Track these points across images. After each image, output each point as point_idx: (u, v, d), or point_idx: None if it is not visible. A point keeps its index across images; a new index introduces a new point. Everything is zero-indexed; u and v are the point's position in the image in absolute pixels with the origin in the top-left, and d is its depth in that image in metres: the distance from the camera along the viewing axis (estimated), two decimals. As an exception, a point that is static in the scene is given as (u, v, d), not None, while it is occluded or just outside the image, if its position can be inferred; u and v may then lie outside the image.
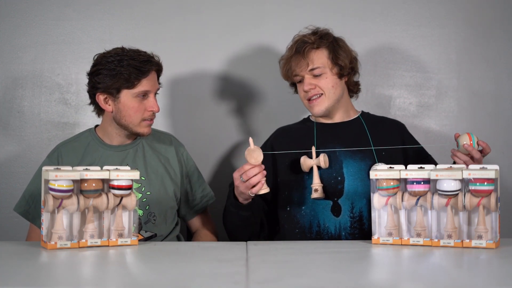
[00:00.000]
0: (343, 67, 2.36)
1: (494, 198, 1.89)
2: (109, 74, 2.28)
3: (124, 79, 2.27)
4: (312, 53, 2.35)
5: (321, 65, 2.34)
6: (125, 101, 2.31)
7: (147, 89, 2.31)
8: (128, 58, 2.28)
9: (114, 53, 2.30)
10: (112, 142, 2.40)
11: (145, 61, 2.30)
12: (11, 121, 2.85)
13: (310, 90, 2.34)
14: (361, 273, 1.70)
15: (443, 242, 1.93)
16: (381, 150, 2.34)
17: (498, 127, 2.89)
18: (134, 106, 2.31)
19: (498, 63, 2.89)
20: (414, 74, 2.89)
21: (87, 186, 1.94)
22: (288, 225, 2.35)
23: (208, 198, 2.52)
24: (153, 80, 2.33)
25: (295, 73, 2.36)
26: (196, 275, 1.64)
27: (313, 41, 2.35)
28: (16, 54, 2.85)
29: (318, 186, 2.26)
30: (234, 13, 2.88)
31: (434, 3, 2.88)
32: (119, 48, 2.33)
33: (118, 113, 2.33)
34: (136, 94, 2.30)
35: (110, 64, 2.28)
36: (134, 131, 2.35)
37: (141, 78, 2.29)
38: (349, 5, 2.87)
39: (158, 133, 2.51)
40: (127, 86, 2.29)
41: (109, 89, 2.30)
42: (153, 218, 2.37)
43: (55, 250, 1.90)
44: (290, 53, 2.38)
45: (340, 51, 2.37)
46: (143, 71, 2.29)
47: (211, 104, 2.87)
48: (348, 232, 2.29)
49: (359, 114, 2.45)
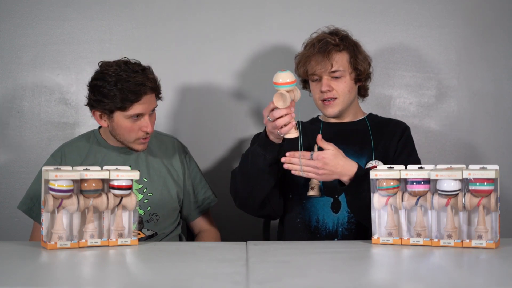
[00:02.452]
0: (362, 72, 2.38)
1: (494, 198, 1.89)
2: (104, 94, 2.27)
3: (117, 102, 2.26)
4: (335, 55, 2.34)
5: (342, 68, 2.34)
6: (118, 121, 2.31)
7: (140, 112, 2.30)
8: (123, 80, 2.26)
9: (113, 72, 2.27)
10: (115, 144, 2.42)
11: (139, 85, 2.27)
12: (11, 121, 2.85)
13: (327, 91, 2.34)
14: (361, 273, 1.70)
15: (443, 242, 1.93)
16: (380, 150, 2.35)
17: (498, 127, 2.88)
18: (128, 127, 2.31)
19: (498, 63, 2.88)
20: (414, 74, 2.89)
21: (87, 186, 1.94)
22: (290, 213, 2.37)
23: (210, 200, 2.53)
24: (148, 103, 2.31)
25: (314, 72, 2.35)
26: (196, 275, 1.64)
27: (337, 43, 2.34)
28: (16, 54, 2.85)
29: (315, 184, 2.27)
30: (235, 13, 2.87)
31: (434, 3, 2.88)
32: (119, 64, 2.30)
33: (113, 130, 2.34)
34: (129, 116, 2.29)
35: (107, 84, 2.26)
36: (129, 147, 2.37)
37: (133, 102, 2.27)
38: (350, 5, 2.87)
39: (161, 135, 2.52)
40: (119, 109, 2.28)
41: (102, 109, 2.30)
42: (155, 218, 2.38)
43: (55, 250, 1.90)
44: (312, 52, 2.35)
45: (359, 56, 2.38)
46: (136, 95, 2.27)
47: (213, 104, 2.87)
48: (345, 228, 2.30)
49: (366, 116, 2.46)
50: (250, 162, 2.22)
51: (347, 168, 2.12)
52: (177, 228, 2.47)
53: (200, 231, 2.52)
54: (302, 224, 2.34)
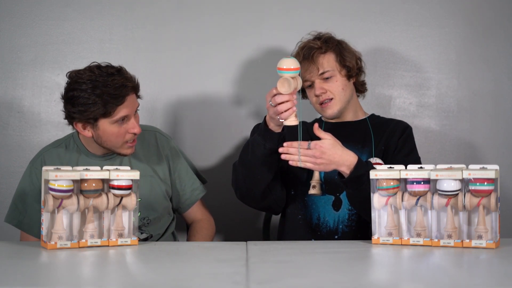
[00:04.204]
0: (351, 68, 2.39)
1: (494, 198, 1.89)
2: (84, 104, 2.18)
3: (100, 108, 2.18)
4: (320, 58, 2.37)
5: (330, 68, 2.36)
6: (104, 129, 2.23)
7: (125, 114, 2.23)
8: (101, 85, 2.17)
9: (87, 79, 2.19)
10: (96, 152, 2.35)
11: (120, 87, 2.19)
12: (11, 121, 2.85)
13: (321, 94, 2.36)
14: (361, 273, 1.71)
15: (443, 242, 1.93)
16: (381, 148, 2.35)
17: (498, 127, 2.88)
18: (114, 132, 2.24)
19: (498, 63, 2.88)
20: (414, 74, 2.89)
21: (87, 186, 1.94)
22: (291, 209, 2.37)
23: (199, 191, 2.49)
24: (131, 103, 2.24)
25: (305, 79, 2.37)
26: (196, 275, 1.64)
27: (319, 46, 2.37)
28: (16, 54, 2.85)
29: (317, 183, 2.28)
30: (235, 13, 2.87)
31: (434, 3, 2.88)
32: (91, 71, 2.21)
33: (99, 138, 2.26)
34: (114, 121, 2.22)
35: (84, 93, 2.18)
36: (117, 152, 2.30)
37: (117, 105, 2.20)
38: (349, 5, 2.87)
39: (143, 131, 2.37)
40: (103, 115, 2.20)
41: (85, 119, 2.21)
42: (146, 221, 2.36)
43: (55, 250, 1.90)
44: (298, 60, 2.37)
45: (345, 52, 2.40)
46: (119, 98, 2.19)
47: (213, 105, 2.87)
48: (345, 225, 2.31)
49: (367, 116, 2.46)
50: (250, 152, 2.22)
51: (345, 158, 2.11)
52: (171, 224, 2.46)
53: (193, 222, 2.50)
54: (303, 221, 2.34)
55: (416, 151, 2.39)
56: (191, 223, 2.51)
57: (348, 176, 2.11)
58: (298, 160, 2.10)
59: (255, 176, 2.24)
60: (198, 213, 2.51)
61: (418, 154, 2.39)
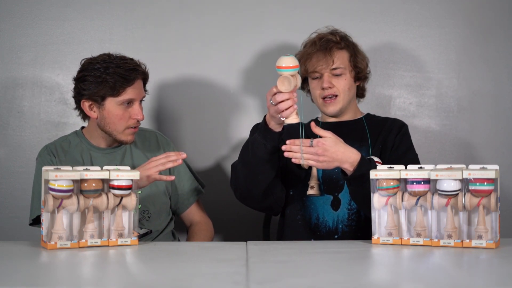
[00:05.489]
0: (361, 71, 2.41)
1: (494, 198, 1.89)
2: (94, 81, 2.29)
3: (109, 87, 2.28)
4: (336, 52, 2.38)
5: (342, 65, 2.37)
6: (109, 109, 2.31)
7: (132, 97, 2.32)
8: (114, 66, 2.29)
9: (100, 60, 2.31)
10: (99, 145, 2.42)
11: (131, 69, 2.30)
12: (11, 121, 2.85)
13: (328, 88, 2.35)
14: (361, 273, 1.70)
15: (443, 242, 1.93)
16: (378, 146, 2.36)
17: (498, 127, 2.88)
18: (119, 114, 2.32)
19: (498, 63, 2.88)
20: (414, 74, 2.89)
21: (87, 186, 1.95)
22: (290, 210, 2.37)
23: (198, 192, 2.53)
24: (139, 88, 2.34)
25: (315, 70, 2.36)
26: (196, 275, 1.64)
27: (338, 41, 2.38)
28: (16, 54, 2.86)
29: (315, 184, 2.28)
30: (235, 13, 2.87)
31: (434, 3, 2.88)
32: (106, 55, 2.33)
33: (103, 120, 2.34)
34: (120, 102, 2.31)
35: (96, 71, 2.28)
36: (117, 138, 2.36)
37: (126, 86, 2.29)
38: (349, 5, 2.87)
39: (143, 131, 2.51)
40: (112, 94, 2.29)
41: (94, 96, 2.30)
42: (147, 215, 2.38)
43: (55, 250, 1.90)
44: (313, 49, 2.38)
45: (359, 55, 2.42)
46: (129, 80, 2.29)
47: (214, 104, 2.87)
48: (345, 224, 2.31)
49: (363, 116, 2.47)
50: (250, 152, 2.22)
51: (348, 155, 2.10)
52: (170, 223, 2.47)
53: (192, 224, 2.52)
54: (302, 221, 2.34)
55: (413, 148, 2.39)
56: (189, 226, 2.52)
57: (352, 173, 2.11)
58: (301, 158, 2.10)
59: (255, 176, 2.24)
60: (196, 215, 2.53)
61: (415, 151, 2.39)
